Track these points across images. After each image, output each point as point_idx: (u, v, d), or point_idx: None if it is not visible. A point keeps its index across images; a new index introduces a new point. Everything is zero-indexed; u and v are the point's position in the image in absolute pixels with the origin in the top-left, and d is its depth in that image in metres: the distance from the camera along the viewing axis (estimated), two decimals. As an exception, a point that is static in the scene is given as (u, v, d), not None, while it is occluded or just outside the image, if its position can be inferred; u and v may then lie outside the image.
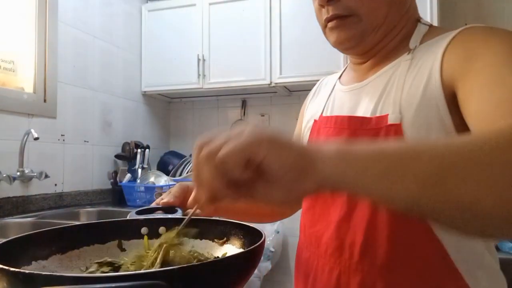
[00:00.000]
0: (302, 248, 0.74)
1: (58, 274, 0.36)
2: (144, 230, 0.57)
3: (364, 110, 0.66)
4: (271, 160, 0.36)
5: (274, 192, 0.37)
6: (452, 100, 0.57)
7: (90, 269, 0.49)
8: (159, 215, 0.62)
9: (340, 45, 0.68)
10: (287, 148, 0.37)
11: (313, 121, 0.78)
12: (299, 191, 0.38)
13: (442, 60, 0.58)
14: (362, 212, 0.61)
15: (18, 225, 1.59)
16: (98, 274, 0.45)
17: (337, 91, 0.77)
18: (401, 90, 0.61)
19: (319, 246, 0.67)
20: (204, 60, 2.52)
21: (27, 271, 0.34)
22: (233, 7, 2.48)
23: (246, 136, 0.37)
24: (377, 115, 0.63)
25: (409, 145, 0.38)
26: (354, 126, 0.65)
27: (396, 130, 0.59)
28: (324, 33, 0.70)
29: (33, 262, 0.47)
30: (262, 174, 0.37)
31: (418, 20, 0.69)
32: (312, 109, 0.82)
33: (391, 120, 0.60)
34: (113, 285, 0.30)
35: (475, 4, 2.43)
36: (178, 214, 0.62)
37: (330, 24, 0.67)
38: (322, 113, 0.77)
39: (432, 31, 0.66)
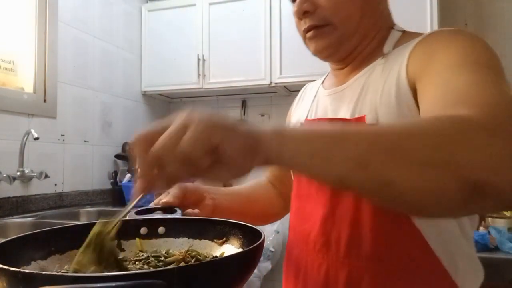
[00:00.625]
0: (292, 246, 0.77)
1: (57, 273, 0.36)
2: (143, 230, 0.58)
3: (344, 112, 0.69)
4: (226, 144, 0.39)
5: (227, 171, 0.41)
6: None
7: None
8: (158, 215, 0.62)
9: (319, 54, 0.73)
10: (236, 132, 0.40)
11: (298, 125, 0.81)
12: (248, 168, 0.41)
13: (408, 62, 0.62)
14: (345, 208, 0.64)
15: (18, 225, 1.59)
16: (97, 274, 0.45)
17: (320, 95, 0.81)
18: (376, 92, 0.64)
19: (308, 243, 0.69)
20: (204, 60, 2.52)
21: (26, 271, 0.34)
22: (233, 7, 2.48)
23: (203, 125, 0.39)
24: (356, 116, 0.66)
25: (340, 128, 0.42)
26: None
27: None
28: (305, 43, 0.75)
29: (32, 262, 0.47)
30: (218, 157, 0.40)
31: (391, 27, 0.73)
32: (298, 114, 0.86)
33: (368, 121, 0.63)
34: (113, 284, 0.30)
35: (475, 4, 2.43)
36: (178, 214, 0.62)
37: (308, 35, 0.71)
38: (307, 117, 0.80)
39: (405, 37, 0.70)
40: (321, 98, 0.80)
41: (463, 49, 0.56)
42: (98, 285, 0.30)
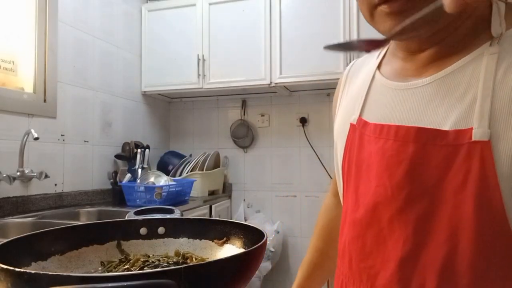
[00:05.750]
0: (347, 282, 0.61)
1: (64, 274, 0.36)
2: (143, 230, 0.57)
3: (433, 118, 0.50)
4: None
5: None
6: None
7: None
8: (157, 215, 0.62)
9: (394, 37, 0.53)
10: None
11: (348, 124, 0.62)
12: None
13: None
14: (434, 250, 0.48)
15: (18, 225, 1.59)
16: (106, 274, 0.45)
17: (380, 86, 0.60)
18: (490, 96, 0.46)
19: (374, 287, 0.55)
20: (204, 60, 2.52)
21: (32, 271, 0.33)
22: (233, 7, 2.48)
23: None
24: (456, 127, 0.48)
25: None
26: (424, 140, 0.50)
27: (482, 149, 0.45)
28: (371, 17, 0.55)
29: (33, 263, 0.47)
30: None
31: None
32: (346, 108, 0.66)
33: (476, 136, 0.46)
34: (124, 284, 0.30)
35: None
36: (177, 214, 0.62)
37: (388, 7, 0.50)
38: (360, 115, 0.61)
39: (511, 11, 0.50)
40: (381, 91, 0.59)
41: None
42: (109, 285, 0.30)
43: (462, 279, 0.46)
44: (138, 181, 2.24)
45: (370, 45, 0.51)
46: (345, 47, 0.52)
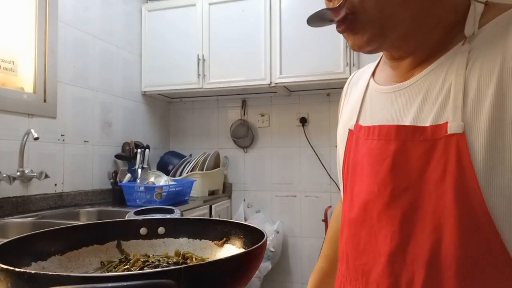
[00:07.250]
0: (345, 282, 0.63)
1: (64, 274, 0.36)
2: (143, 230, 0.57)
3: (413, 116, 0.53)
4: None
5: None
6: None
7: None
8: (157, 215, 0.62)
9: (360, 50, 0.57)
10: None
11: (347, 131, 0.66)
12: None
13: None
14: (420, 243, 0.50)
15: (18, 225, 1.59)
16: (106, 274, 0.45)
17: (373, 92, 0.64)
18: (462, 91, 0.48)
19: (368, 283, 0.56)
20: (204, 60, 2.52)
21: (33, 271, 0.33)
22: (233, 7, 2.48)
23: None
24: (433, 123, 0.50)
25: None
26: (404, 137, 0.53)
27: (458, 141, 0.47)
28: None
29: (33, 263, 0.47)
30: None
31: None
32: (346, 115, 0.70)
33: (451, 129, 0.48)
34: (124, 284, 0.30)
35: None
36: (177, 215, 0.62)
37: (339, 28, 0.56)
38: (357, 121, 0.64)
39: (490, 10, 0.51)
40: (375, 97, 0.63)
41: None
42: (109, 284, 0.30)
43: (448, 271, 0.47)
44: (138, 181, 2.24)
45: (333, 13, 0.55)
46: (320, 18, 0.56)
